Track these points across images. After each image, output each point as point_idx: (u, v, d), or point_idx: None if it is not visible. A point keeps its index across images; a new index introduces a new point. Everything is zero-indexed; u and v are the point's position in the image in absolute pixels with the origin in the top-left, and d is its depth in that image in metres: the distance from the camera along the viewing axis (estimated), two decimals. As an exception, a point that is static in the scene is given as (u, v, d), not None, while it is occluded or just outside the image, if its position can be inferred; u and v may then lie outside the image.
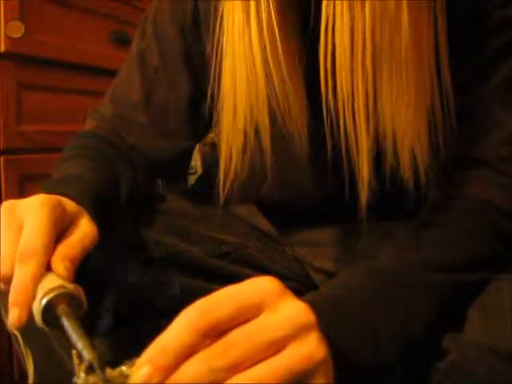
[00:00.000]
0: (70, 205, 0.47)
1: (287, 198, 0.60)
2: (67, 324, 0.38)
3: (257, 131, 0.54)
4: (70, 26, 1.18)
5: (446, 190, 0.54)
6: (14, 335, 0.45)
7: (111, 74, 1.01)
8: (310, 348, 0.33)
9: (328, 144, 0.53)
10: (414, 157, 0.50)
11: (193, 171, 1.13)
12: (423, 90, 0.49)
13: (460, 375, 0.43)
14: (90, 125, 0.69)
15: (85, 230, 0.45)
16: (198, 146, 1.01)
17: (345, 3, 0.46)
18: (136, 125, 0.66)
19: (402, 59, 0.48)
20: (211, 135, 1.02)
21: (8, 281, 0.41)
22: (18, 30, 1.05)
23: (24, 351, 0.46)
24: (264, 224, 0.69)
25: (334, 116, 0.50)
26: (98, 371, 0.33)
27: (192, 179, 0.87)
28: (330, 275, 0.63)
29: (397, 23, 0.47)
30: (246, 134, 0.54)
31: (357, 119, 0.49)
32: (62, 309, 0.39)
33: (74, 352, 0.34)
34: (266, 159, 0.56)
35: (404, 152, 0.50)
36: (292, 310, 0.34)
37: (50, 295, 0.39)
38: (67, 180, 0.54)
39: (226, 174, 0.56)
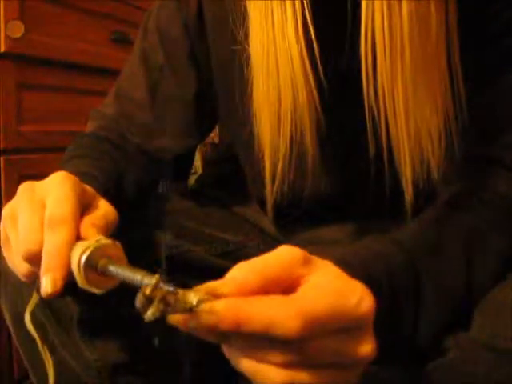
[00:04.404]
0: (87, 187, 0.46)
1: (291, 198, 0.60)
2: (115, 268, 0.37)
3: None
4: (70, 26, 1.18)
5: (462, 185, 0.54)
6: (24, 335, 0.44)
7: (111, 73, 1.01)
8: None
9: (371, 144, 0.53)
10: (424, 154, 0.51)
11: (193, 171, 1.13)
12: (440, 87, 0.50)
13: (459, 374, 0.43)
14: (91, 126, 0.68)
15: (105, 208, 0.45)
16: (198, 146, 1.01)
17: (384, 3, 0.47)
18: (140, 124, 0.66)
19: (431, 57, 0.49)
20: (211, 135, 1.02)
21: (33, 258, 0.40)
22: (18, 30, 1.05)
23: (42, 351, 0.45)
24: (266, 223, 0.69)
25: (376, 116, 0.51)
26: (166, 287, 0.31)
27: (192, 179, 0.86)
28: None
29: (427, 23, 0.48)
30: (292, 136, 0.53)
31: (398, 119, 0.50)
32: (103, 261, 0.38)
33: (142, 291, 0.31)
34: (307, 158, 0.55)
35: (417, 149, 0.51)
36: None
37: (89, 250, 0.38)
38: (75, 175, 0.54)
39: (273, 178, 0.55)
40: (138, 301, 0.31)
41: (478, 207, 0.50)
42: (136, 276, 0.34)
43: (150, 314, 0.30)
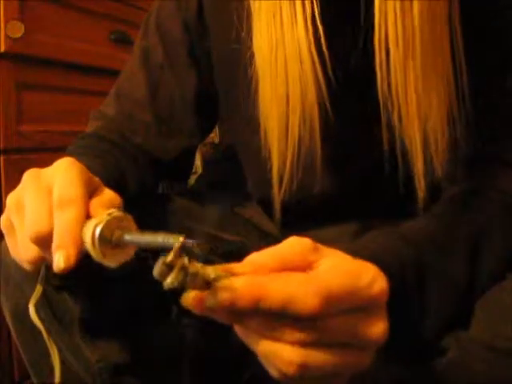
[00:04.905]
0: (92, 175, 0.46)
1: (300, 198, 0.60)
2: (132, 237, 0.37)
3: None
4: (70, 26, 1.18)
5: (468, 184, 0.54)
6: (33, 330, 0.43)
7: (111, 73, 1.01)
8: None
9: (385, 139, 0.53)
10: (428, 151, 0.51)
11: (193, 171, 1.13)
12: (446, 84, 0.51)
13: (460, 373, 0.43)
14: (91, 126, 0.68)
15: (111, 194, 0.45)
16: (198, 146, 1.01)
17: (397, 3, 0.48)
18: (141, 123, 0.66)
19: (438, 52, 0.50)
20: (211, 135, 1.02)
21: (42, 240, 0.39)
22: (18, 30, 1.05)
23: (48, 343, 0.45)
24: (266, 223, 0.69)
25: (390, 111, 0.51)
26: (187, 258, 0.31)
27: (192, 179, 0.87)
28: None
29: (435, 21, 0.49)
30: (300, 134, 0.53)
31: (410, 113, 0.50)
32: (118, 233, 0.38)
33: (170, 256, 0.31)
34: (316, 156, 0.55)
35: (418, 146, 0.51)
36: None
37: (103, 223, 0.38)
38: None
39: (281, 178, 0.55)
40: (158, 268, 0.31)
41: (483, 206, 0.51)
42: (157, 238, 0.34)
43: (169, 281, 0.31)
